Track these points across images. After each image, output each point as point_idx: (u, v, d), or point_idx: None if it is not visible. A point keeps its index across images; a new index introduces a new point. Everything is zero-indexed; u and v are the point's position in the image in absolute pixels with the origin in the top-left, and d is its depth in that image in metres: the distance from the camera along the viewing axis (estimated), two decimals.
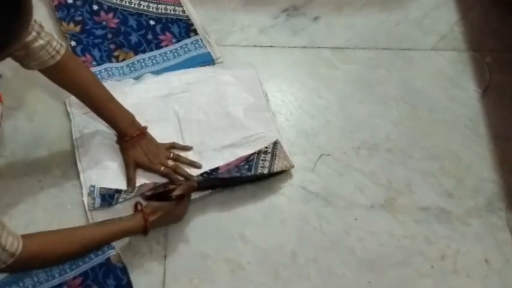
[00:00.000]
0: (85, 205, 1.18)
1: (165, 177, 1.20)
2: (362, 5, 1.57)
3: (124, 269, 1.07)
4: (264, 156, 1.25)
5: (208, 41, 1.44)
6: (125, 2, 1.48)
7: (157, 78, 1.35)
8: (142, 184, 1.18)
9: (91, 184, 1.18)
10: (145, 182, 1.19)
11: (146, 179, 1.20)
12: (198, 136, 1.28)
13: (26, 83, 1.33)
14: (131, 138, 1.19)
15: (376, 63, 1.47)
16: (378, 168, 1.30)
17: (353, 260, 1.18)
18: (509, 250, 1.22)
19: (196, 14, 1.48)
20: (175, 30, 1.46)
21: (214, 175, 1.22)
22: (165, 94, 1.32)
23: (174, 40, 1.44)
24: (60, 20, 1.43)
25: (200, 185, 1.18)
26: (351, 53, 1.48)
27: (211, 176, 1.22)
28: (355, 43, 1.50)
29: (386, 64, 1.47)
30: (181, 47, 1.43)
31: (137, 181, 1.19)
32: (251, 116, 1.32)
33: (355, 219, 1.23)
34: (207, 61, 1.42)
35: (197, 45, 1.44)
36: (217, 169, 1.23)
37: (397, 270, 1.18)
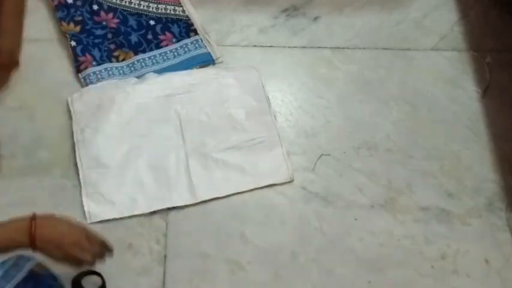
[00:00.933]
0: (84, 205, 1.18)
1: None
2: (362, 5, 1.56)
3: (52, 275, 0.96)
4: None
5: (208, 41, 1.44)
6: (125, 2, 1.48)
7: (159, 78, 1.35)
8: None
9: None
10: None
11: None
12: (199, 136, 1.28)
13: (26, 83, 1.33)
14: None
15: (376, 63, 1.47)
16: (378, 168, 1.30)
17: (353, 260, 1.18)
18: (509, 250, 1.22)
19: (196, 14, 1.48)
20: (175, 30, 1.46)
21: None
22: (167, 94, 1.33)
23: (174, 40, 1.44)
24: (60, 20, 1.43)
25: None
26: (351, 53, 1.48)
27: None
28: (355, 43, 1.50)
29: (386, 64, 1.47)
30: (181, 47, 1.44)
31: None
32: (253, 119, 1.32)
33: (355, 219, 1.23)
34: (207, 61, 1.42)
35: (197, 45, 1.44)
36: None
37: (397, 270, 1.18)
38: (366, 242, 1.21)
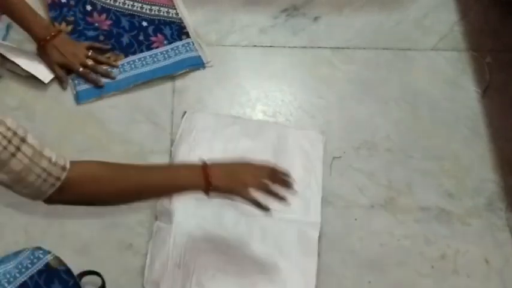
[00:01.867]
0: None
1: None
2: (362, 5, 1.56)
3: (68, 271, 1.00)
4: None
5: (199, 45, 1.44)
6: (119, 3, 1.48)
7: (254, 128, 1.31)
8: None
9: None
10: None
11: None
12: None
13: (26, 83, 1.33)
14: (45, 41, 1.29)
15: (376, 63, 1.47)
16: (378, 168, 1.30)
17: (353, 260, 1.18)
18: (509, 250, 1.22)
19: (189, 17, 1.48)
20: (167, 32, 1.45)
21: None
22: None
23: (166, 42, 1.44)
24: (52, 20, 1.42)
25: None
26: (351, 53, 1.48)
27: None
28: (355, 43, 1.50)
29: (386, 64, 1.47)
30: (172, 49, 1.43)
31: None
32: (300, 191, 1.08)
33: (355, 219, 1.23)
34: (197, 64, 1.41)
35: (188, 48, 1.43)
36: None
37: (397, 270, 1.18)
38: (366, 242, 1.21)
